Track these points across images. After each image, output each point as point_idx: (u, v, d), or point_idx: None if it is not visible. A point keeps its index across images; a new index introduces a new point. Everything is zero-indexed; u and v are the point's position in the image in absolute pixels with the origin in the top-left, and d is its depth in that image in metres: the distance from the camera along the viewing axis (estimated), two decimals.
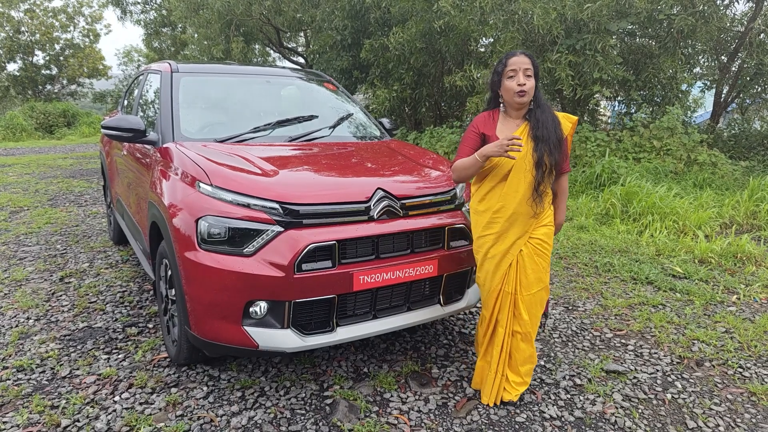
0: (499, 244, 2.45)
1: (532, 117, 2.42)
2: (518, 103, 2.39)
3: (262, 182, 2.49)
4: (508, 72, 2.37)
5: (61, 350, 3.05)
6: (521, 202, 2.37)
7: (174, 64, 3.67)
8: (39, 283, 4.14)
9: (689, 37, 8.21)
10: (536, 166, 2.35)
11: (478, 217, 2.51)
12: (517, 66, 2.35)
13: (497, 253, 2.45)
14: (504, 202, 2.39)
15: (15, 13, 24.06)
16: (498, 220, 2.42)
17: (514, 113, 2.47)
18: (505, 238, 2.43)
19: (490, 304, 2.53)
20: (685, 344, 3.22)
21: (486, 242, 2.47)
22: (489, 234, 2.45)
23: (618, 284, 4.19)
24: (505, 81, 2.39)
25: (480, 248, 2.52)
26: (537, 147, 2.37)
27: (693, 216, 5.50)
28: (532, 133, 2.39)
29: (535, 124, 2.40)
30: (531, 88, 2.37)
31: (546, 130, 2.38)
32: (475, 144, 2.46)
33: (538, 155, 2.35)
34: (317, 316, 2.47)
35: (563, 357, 3.06)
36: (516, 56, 2.37)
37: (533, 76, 2.38)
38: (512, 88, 2.36)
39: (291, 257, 2.32)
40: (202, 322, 2.44)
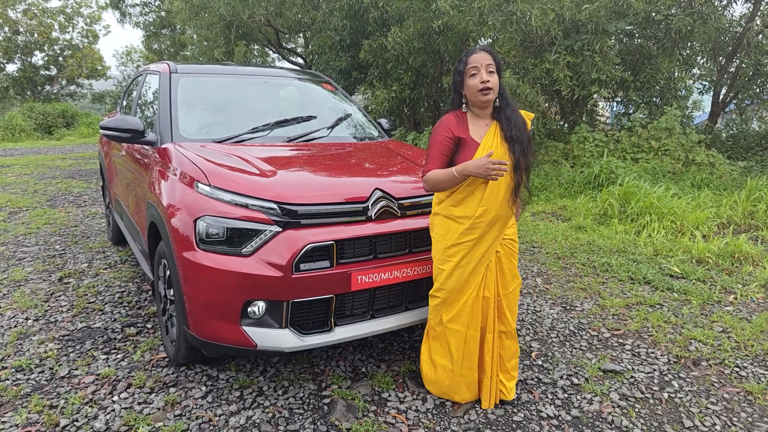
0: (476, 249, 2.37)
1: (502, 116, 2.37)
2: (483, 102, 2.33)
3: (260, 182, 2.50)
4: (469, 70, 2.30)
5: (59, 350, 3.06)
6: (502, 204, 2.33)
7: (173, 65, 3.68)
8: (38, 283, 4.14)
9: (687, 38, 8.23)
10: (515, 169, 2.32)
11: (453, 223, 2.38)
12: (479, 63, 2.28)
13: (473, 259, 2.37)
14: (486, 206, 2.31)
15: (12, 13, 24.04)
16: (480, 225, 2.33)
17: (480, 112, 2.40)
18: (482, 242, 2.36)
19: (464, 317, 2.42)
20: (682, 344, 3.23)
21: (461, 250, 2.36)
22: (467, 240, 2.35)
23: (616, 284, 4.20)
24: (467, 80, 2.32)
25: (452, 257, 2.38)
26: (513, 148, 2.32)
27: (691, 216, 5.52)
28: (506, 134, 2.34)
29: (507, 124, 2.34)
30: (495, 84, 2.31)
31: (518, 130, 2.34)
32: (449, 150, 2.36)
33: (515, 157, 2.31)
34: (315, 316, 2.48)
35: (561, 356, 3.07)
36: (476, 53, 2.30)
37: (496, 72, 2.33)
38: (475, 86, 2.29)
39: (289, 257, 2.33)
40: (200, 321, 2.45)
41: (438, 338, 2.52)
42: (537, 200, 7.25)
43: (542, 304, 3.84)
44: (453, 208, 2.39)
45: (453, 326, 2.46)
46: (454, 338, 2.46)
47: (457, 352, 2.47)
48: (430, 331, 2.56)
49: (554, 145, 8.46)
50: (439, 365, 2.54)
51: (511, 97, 2.45)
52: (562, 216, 6.41)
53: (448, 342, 2.48)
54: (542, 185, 7.74)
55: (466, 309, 2.43)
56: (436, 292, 2.48)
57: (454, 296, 2.43)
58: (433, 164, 2.36)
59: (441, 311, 2.47)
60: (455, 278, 2.40)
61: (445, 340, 2.49)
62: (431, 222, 2.51)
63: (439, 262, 2.44)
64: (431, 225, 2.51)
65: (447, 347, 2.49)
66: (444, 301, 2.45)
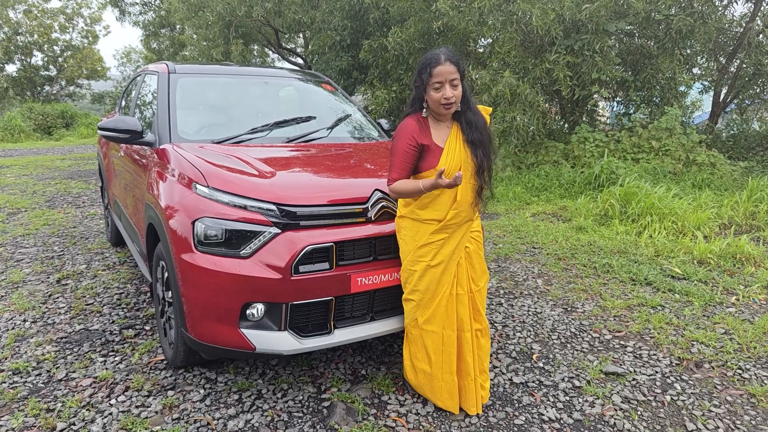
0: (446, 247, 2.38)
1: (462, 120, 2.38)
2: (444, 114, 2.34)
3: (258, 184, 2.48)
4: (433, 83, 2.27)
5: (57, 353, 3.03)
6: (470, 206, 2.37)
7: (171, 65, 3.65)
8: (36, 285, 4.12)
9: (688, 38, 8.21)
10: (477, 173, 2.34)
11: (422, 225, 2.37)
12: (443, 78, 2.25)
13: (444, 258, 2.37)
14: (459, 209, 2.34)
15: (12, 13, 24.03)
16: (451, 225, 2.36)
17: (441, 117, 2.40)
18: (452, 239, 2.38)
19: (439, 317, 2.40)
20: (685, 346, 3.21)
21: (432, 249, 2.36)
22: (438, 239, 2.36)
23: (617, 285, 4.18)
24: (431, 91, 2.29)
25: (423, 257, 2.37)
26: (475, 152, 2.34)
27: (692, 217, 5.49)
28: (467, 138, 2.35)
29: (468, 128, 2.36)
30: (458, 97, 2.31)
31: (479, 133, 2.36)
32: (412, 158, 2.34)
33: (478, 160, 2.33)
34: (314, 318, 2.45)
35: (562, 359, 3.04)
36: (441, 65, 2.24)
37: (460, 79, 2.29)
38: (438, 100, 2.28)
39: (288, 259, 2.31)
40: (198, 324, 2.42)
41: (415, 341, 2.50)
42: (537, 201, 7.23)
43: (543, 305, 3.81)
44: (420, 211, 2.39)
45: (429, 327, 2.43)
46: (431, 340, 2.44)
47: (435, 354, 2.44)
48: (408, 335, 2.54)
49: (554, 146, 8.44)
50: (419, 370, 2.52)
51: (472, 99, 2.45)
52: (563, 217, 6.39)
53: (425, 344, 2.46)
54: (543, 185, 7.72)
55: (441, 308, 2.41)
56: (409, 294, 2.46)
57: (429, 297, 2.41)
58: (398, 173, 2.35)
59: (416, 313, 2.45)
60: (428, 278, 2.39)
61: (422, 343, 2.47)
62: (398, 225, 2.49)
63: (410, 264, 2.42)
64: (398, 228, 2.49)
65: (424, 350, 2.47)
66: (419, 303, 2.43)
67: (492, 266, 4.67)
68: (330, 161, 3.01)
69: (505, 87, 7.91)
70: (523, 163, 8.50)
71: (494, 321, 3.55)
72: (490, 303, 3.86)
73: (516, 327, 3.46)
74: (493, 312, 3.70)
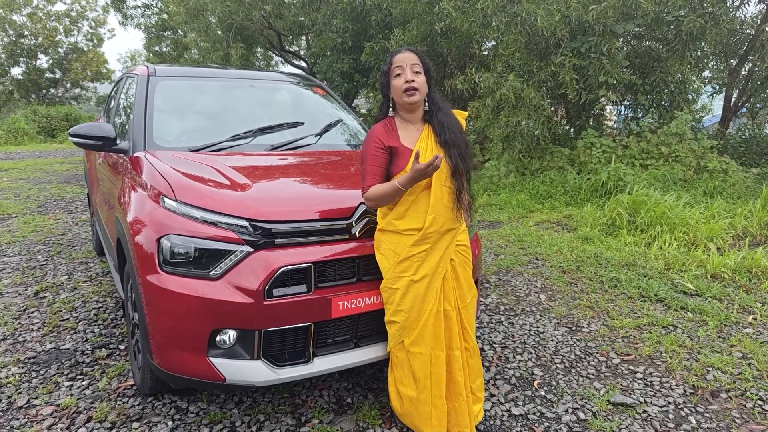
0: (428, 261, 2.18)
1: (434, 120, 2.23)
2: (408, 103, 2.19)
3: (230, 197, 2.26)
4: (394, 70, 2.18)
5: (22, 375, 2.82)
6: (449, 211, 2.18)
7: (152, 68, 3.45)
8: (12, 297, 3.92)
9: (698, 40, 7.94)
10: (453, 175, 2.17)
11: (401, 237, 2.19)
12: (403, 63, 2.16)
13: (428, 271, 2.18)
14: (435, 213, 2.15)
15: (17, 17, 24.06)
16: (431, 235, 2.17)
17: (410, 116, 2.25)
18: (434, 251, 2.19)
19: (427, 337, 2.19)
20: (699, 372, 2.96)
21: (414, 262, 2.17)
22: (419, 252, 2.17)
23: (625, 302, 3.93)
24: (392, 80, 2.19)
25: (405, 272, 2.17)
26: (449, 153, 2.18)
27: (704, 227, 5.23)
28: (440, 138, 2.20)
29: (440, 128, 2.21)
30: (421, 85, 2.17)
31: (453, 134, 2.20)
32: (383, 162, 2.20)
33: (453, 162, 2.17)
34: (291, 346, 2.23)
35: (566, 386, 2.80)
36: (401, 53, 2.19)
37: (423, 72, 2.18)
38: (400, 87, 2.16)
39: (260, 282, 2.09)
40: (164, 352, 2.20)
41: (401, 365, 2.27)
42: (542, 208, 6.97)
43: (546, 324, 3.57)
44: (398, 221, 2.20)
45: (416, 349, 2.21)
46: (419, 363, 2.21)
47: (423, 378, 2.21)
48: (393, 360, 2.31)
49: (559, 151, 8.19)
50: (405, 396, 2.28)
51: (442, 101, 2.32)
52: (568, 225, 6.14)
53: (412, 368, 2.23)
54: (547, 192, 7.46)
55: (428, 327, 2.20)
56: (392, 316, 2.23)
57: (414, 316, 2.19)
58: (371, 179, 2.19)
59: (402, 335, 2.23)
60: (411, 296, 2.18)
61: (409, 367, 2.24)
62: (376, 239, 2.29)
63: (390, 281, 2.21)
64: (376, 242, 2.29)
65: (411, 374, 2.24)
66: (403, 324, 2.21)
67: (492, 279, 4.43)
68: (314, 171, 2.79)
69: (510, 90, 7.67)
70: (527, 169, 8.25)
71: (493, 341, 3.32)
72: (489, 321, 3.63)
73: (516, 348, 3.22)
74: (492, 331, 3.47)
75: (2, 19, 23.98)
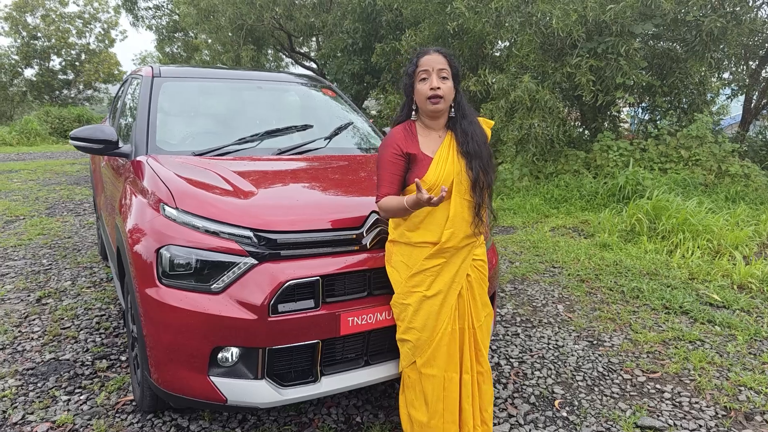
0: (443, 276, 2.03)
1: (458, 129, 2.06)
2: (431, 111, 2.03)
3: (233, 205, 2.13)
4: (419, 74, 2.01)
5: (19, 388, 2.71)
6: (468, 225, 2.03)
7: (156, 68, 3.34)
8: (14, 304, 3.83)
9: (719, 40, 7.71)
10: (473, 188, 2.01)
11: (414, 249, 2.04)
12: (430, 66, 1.99)
13: (442, 287, 2.03)
14: (453, 227, 2.00)
15: (30, 18, 24.24)
16: (448, 249, 2.03)
17: (432, 123, 2.09)
18: (450, 265, 2.04)
19: (441, 358, 2.03)
20: (731, 391, 2.77)
21: (427, 277, 2.03)
22: (433, 266, 2.02)
23: (648, 314, 3.74)
24: (417, 84, 2.02)
25: (417, 287, 2.03)
26: (471, 164, 2.01)
27: (729, 235, 5.02)
28: (462, 148, 2.03)
29: (464, 138, 2.04)
30: (448, 92, 2.00)
31: (477, 144, 2.03)
32: (400, 169, 2.04)
33: (474, 174, 2.00)
34: (298, 365, 2.09)
35: (589, 406, 2.63)
36: (428, 54, 2.01)
37: (451, 78, 2.01)
38: (424, 93, 1.99)
39: (265, 296, 1.95)
40: (162, 369, 2.08)
41: (413, 387, 2.11)
42: (557, 213, 6.79)
43: (565, 337, 3.40)
44: (411, 233, 2.05)
45: (428, 371, 2.05)
46: (431, 386, 2.05)
47: (434, 402, 2.05)
48: (405, 380, 2.14)
49: (575, 154, 7.99)
50: (416, 421, 2.11)
51: (469, 108, 2.15)
52: (585, 231, 5.95)
53: (424, 390, 2.06)
54: (562, 197, 7.27)
55: (442, 348, 2.04)
56: (404, 334, 2.08)
57: (427, 334, 2.03)
58: (386, 187, 2.03)
59: (414, 355, 2.07)
60: (424, 312, 2.02)
61: (420, 389, 2.07)
62: (387, 251, 2.14)
63: (402, 296, 2.06)
64: (387, 254, 2.14)
65: (422, 397, 2.07)
66: (416, 343, 2.05)
67: (507, 288, 4.27)
68: (323, 177, 2.65)
69: (524, 92, 7.49)
70: (542, 173, 8.07)
71: (509, 356, 3.16)
72: (505, 333, 3.47)
73: (534, 364, 3.06)
74: (508, 344, 3.30)
75: (16, 21, 24.19)
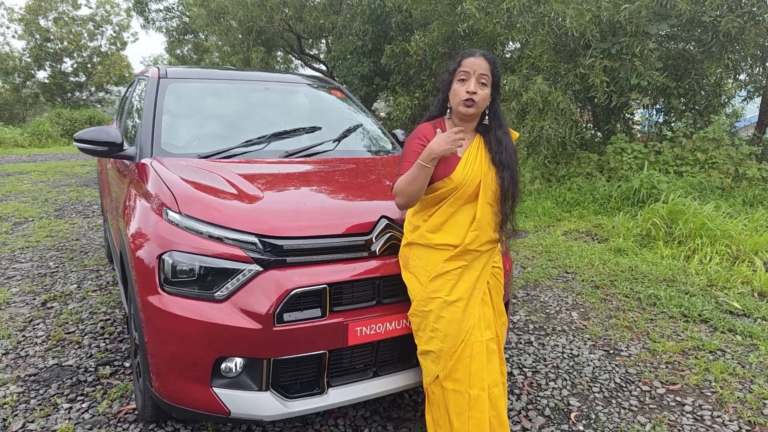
0: (464, 280, 1.96)
1: (491, 136, 2.01)
2: (464, 114, 1.96)
3: (237, 210, 2.06)
4: (460, 73, 1.95)
5: (20, 395, 2.66)
6: (492, 231, 1.99)
7: (163, 69, 3.28)
8: (19, 307, 3.79)
9: (736, 41, 7.55)
10: (502, 198, 1.97)
11: (434, 252, 1.97)
12: (471, 69, 1.93)
13: (463, 293, 1.95)
14: (478, 230, 1.96)
15: (43, 21, 24.46)
16: (471, 252, 1.97)
17: (463, 125, 2.02)
18: (472, 268, 1.97)
19: (463, 371, 1.92)
20: (755, 405, 2.66)
21: (447, 282, 1.95)
22: (453, 269, 1.95)
23: (666, 322, 3.62)
24: (455, 84, 1.96)
25: (437, 292, 1.94)
26: (502, 174, 1.97)
27: (748, 240, 4.87)
28: (495, 156, 1.98)
29: (497, 147, 1.99)
30: (483, 99, 1.93)
31: (509, 156, 1.98)
32: None
33: (504, 184, 1.96)
34: (304, 376, 2.01)
35: (606, 420, 2.53)
36: (474, 57, 1.95)
37: (490, 85, 1.94)
38: (459, 94, 1.94)
39: (270, 305, 1.88)
40: (164, 379, 2.00)
41: (437, 403, 2.01)
42: (569, 217, 6.66)
43: (580, 345, 3.29)
44: (431, 235, 1.98)
45: (450, 385, 1.95)
46: (454, 402, 1.95)
47: (458, 420, 1.93)
48: (429, 396, 2.05)
49: (588, 156, 7.86)
50: None
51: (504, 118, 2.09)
52: (599, 236, 5.82)
53: (447, 407, 1.96)
54: (575, 200, 7.14)
55: (464, 361, 1.94)
56: (426, 344, 1.99)
57: (450, 343, 1.94)
58: (403, 173, 1.97)
59: (437, 367, 1.98)
60: (446, 319, 1.94)
61: (444, 406, 1.97)
62: (403, 256, 2.06)
63: (422, 303, 1.97)
64: (403, 260, 2.06)
65: (446, 415, 1.97)
66: (438, 353, 1.96)
67: (520, 294, 4.16)
68: (331, 180, 2.57)
69: (537, 94, 7.38)
70: (554, 175, 7.94)
71: (523, 365, 3.06)
72: (518, 341, 3.36)
73: (549, 374, 2.96)
74: (521, 353, 3.20)
75: (29, 23, 24.43)
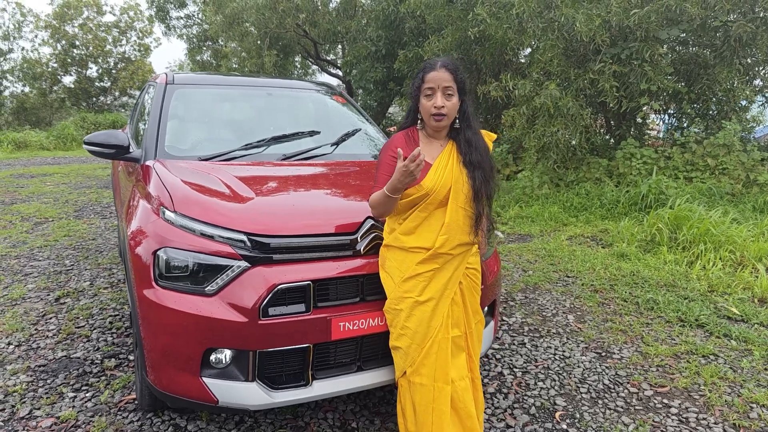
0: (436, 282, 2.03)
1: (461, 138, 2.06)
2: (434, 127, 2.05)
3: (228, 209, 2.17)
4: (425, 89, 2.01)
5: (29, 384, 2.81)
6: (464, 234, 2.04)
7: (170, 75, 3.43)
8: (34, 302, 3.96)
9: (748, 46, 7.47)
10: (475, 198, 2.02)
11: (407, 254, 2.04)
12: (435, 83, 1.98)
13: (434, 294, 2.02)
14: (448, 234, 2.01)
15: (69, 28, 25.17)
16: (442, 255, 2.03)
17: (435, 133, 2.09)
18: (443, 270, 2.04)
19: (429, 366, 2.01)
20: (742, 408, 2.67)
21: (419, 283, 2.02)
22: (425, 271, 2.02)
23: (662, 326, 3.64)
24: (422, 99, 2.03)
25: (409, 292, 2.02)
26: (473, 174, 2.02)
27: (753, 246, 4.84)
28: (465, 158, 2.04)
29: (467, 148, 2.04)
30: (452, 109, 2.00)
31: (479, 155, 2.04)
32: None
33: (476, 184, 2.01)
34: (289, 368, 2.11)
35: (591, 419, 2.57)
36: (435, 71, 1.99)
37: (456, 93, 2.00)
38: (428, 110, 2.01)
39: (255, 300, 1.98)
40: (158, 370, 2.12)
41: (404, 395, 2.09)
42: (576, 222, 6.66)
43: (573, 348, 3.33)
44: (405, 237, 2.06)
45: (417, 379, 2.03)
46: (419, 395, 2.03)
47: (422, 413, 2.02)
48: (399, 389, 2.13)
49: (597, 162, 7.84)
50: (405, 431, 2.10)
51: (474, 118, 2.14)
52: (603, 241, 5.82)
53: (413, 400, 2.05)
54: (582, 205, 7.14)
55: (431, 357, 2.02)
56: (396, 340, 2.07)
57: (418, 341, 2.02)
58: (380, 187, 2.02)
59: (405, 363, 2.06)
60: (416, 318, 2.01)
61: (409, 399, 2.06)
62: (382, 255, 2.15)
63: (394, 302, 2.06)
64: (381, 259, 2.15)
65: (411, 407, 2.05)
66: (407, 350, 2.04)
67: (518, 297, 4.21)
68: (324, 182, 2.68)
69: (548, 99, 7.40)
70: (562, 181, 7.94)
71: (513, 365, 3.11)
72: (511, 342, 3.42)
73: (538, 374, 3.01)
74: (513, 354, 3.26)
75: (55, 30, 25.16)
